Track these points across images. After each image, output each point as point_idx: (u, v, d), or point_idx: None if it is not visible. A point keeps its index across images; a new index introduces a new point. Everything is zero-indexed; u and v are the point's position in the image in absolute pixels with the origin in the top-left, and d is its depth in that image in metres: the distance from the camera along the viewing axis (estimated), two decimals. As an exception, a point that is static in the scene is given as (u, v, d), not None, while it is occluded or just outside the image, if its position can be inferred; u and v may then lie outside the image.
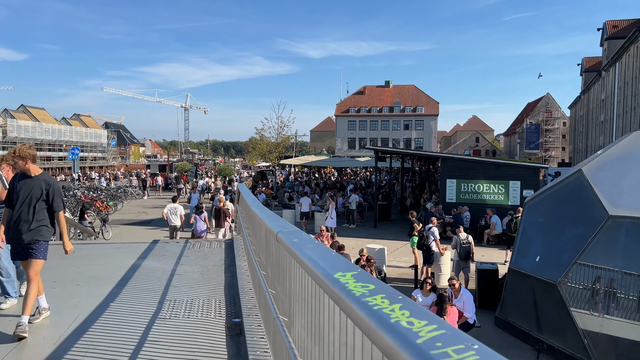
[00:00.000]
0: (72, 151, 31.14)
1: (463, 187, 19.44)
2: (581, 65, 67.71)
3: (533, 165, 19.04)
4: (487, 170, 19.16)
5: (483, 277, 9.91)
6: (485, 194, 19.12)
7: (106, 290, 6.10)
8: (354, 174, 46.84)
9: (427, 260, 11.99)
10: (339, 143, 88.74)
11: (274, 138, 26.84)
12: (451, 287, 7.59)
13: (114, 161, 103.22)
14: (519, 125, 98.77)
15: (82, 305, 5.49)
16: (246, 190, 8.89)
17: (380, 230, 20.41)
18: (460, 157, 20.05)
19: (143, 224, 21.45)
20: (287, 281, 2.85)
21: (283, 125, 26.64)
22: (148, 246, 9.33)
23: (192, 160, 49.52)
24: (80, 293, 6.06)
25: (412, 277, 12.74)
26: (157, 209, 26.46)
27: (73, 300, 5.72)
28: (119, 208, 25.44)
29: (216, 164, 48.54)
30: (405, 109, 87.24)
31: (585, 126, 62.69)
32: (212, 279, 6.83)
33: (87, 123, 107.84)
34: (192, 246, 9.53)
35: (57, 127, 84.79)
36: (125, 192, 30.04)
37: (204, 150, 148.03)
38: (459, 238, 11.16)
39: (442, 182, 19.79)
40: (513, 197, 18.81)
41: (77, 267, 7.47)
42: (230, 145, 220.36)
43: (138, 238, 17.97)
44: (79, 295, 5.96)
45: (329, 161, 31.44)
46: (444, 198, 19.66)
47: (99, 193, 26.46)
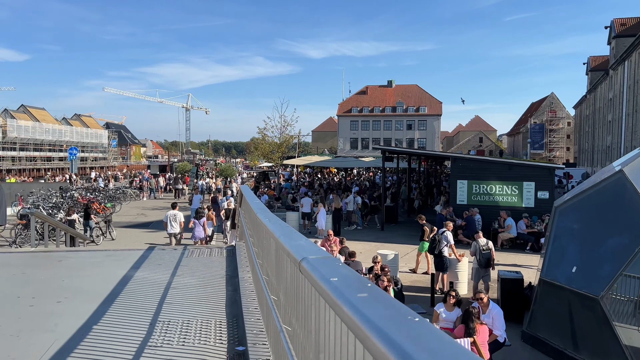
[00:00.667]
0: (70, 151, 30.36)
1: (474, 189, 18.64)
2: (587, 64, 66.82)
3: (548, 166, 18.23)
4: (499, 171, 18.35)
5: (507, 287, 9.10)
6: (497, 195, 18.31)
7: (91, 308, 5.31)
8: (357, 175, 46.05)
9: (439, 267, 11.19)
10: (341, 143, 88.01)
11: (277, 137, 26.04)
12: (478, 301, 6.80)
13: (115, 161, 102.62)
14: (523, 125, 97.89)
15: (60, 329, 4.70)
16: (249, 193, 8.11)
17: (388, 233, 19.61)
18: (471, 157, 19.26)
19: (142, 227, 20.69)
20: (312, 323, 2.08)
21: (286, 125, 25.86)
22: (143, 254, 8.56)
23: (193, 160, 48.67)
24: (60, 312, 5.28)
25: (426, 284, 11.95)
26: (157, 211, 25.72)
27: (51, 322, 4.94)
28: (117, 210, 24.68)
29: (217, 165, 47.78)
30: (408, 108, 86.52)
31: (592, 126, 61.81)
32: (211, 294, 6.05)
33: (88, 123, 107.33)
34: (191, 253, 8.75)
35: (58, 127, 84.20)
36: (124, 193, 29.27)
37: (205, 151, 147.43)
38: (479, 244, 10.36)
39: (453, 183, 18.99)
40: (527, 199, 18.00)
41: (61, 279, 6.70)
42: (231, 145, 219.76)
43: (136, 241, 17.21)
44: (59, 315, 5.18)
45: (333, 161, 30.57)
46: (454, 200, 18.85)
47: (96, 194, 25.69)
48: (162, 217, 23.70)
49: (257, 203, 6.19)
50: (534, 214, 17.57)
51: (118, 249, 9.50)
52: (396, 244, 17.34)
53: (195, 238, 13.98)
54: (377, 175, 48.16)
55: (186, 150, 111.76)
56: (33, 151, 75.50)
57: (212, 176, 40.52)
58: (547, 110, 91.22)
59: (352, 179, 38.52)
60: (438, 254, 11.12)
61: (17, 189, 25.13)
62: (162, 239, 17.75)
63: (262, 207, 5.96)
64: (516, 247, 16.74)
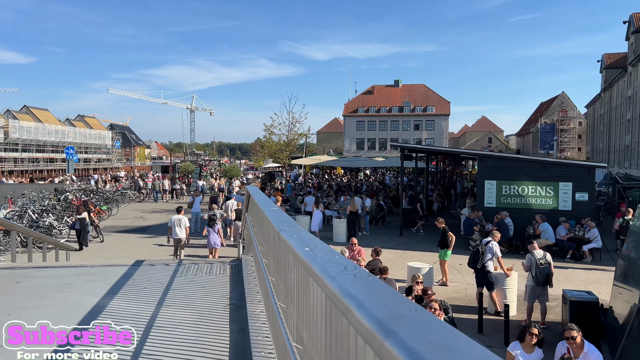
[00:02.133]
0: (66, 151, 28.76)
1: (504, 190, 16.86)
2: (601, 61, 64.78)
3: (587, 164, 16.45)
4: (532, 170, 16.57)
5: (578, 311, 7.35)
6: (530, 197, 16.52)
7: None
8: (365, 176, 44.28)
9: (482, 283, 9.45)
10: (347, 144, 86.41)
11: (285, 135, 24.31)
12: (569, 342, 5.07)
13: (119, 163, 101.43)
14: (533, 125, 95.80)
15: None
16: (260, 195, 6.41)
17: (407, 239, 17.85)
18: (501, 155, 17.49)
19: (139, 231, 19.03)
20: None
21: (295, 122, 24.12)
22: (126, 271, 6.86)
23: (196, 161, 47.01)
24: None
25: (464, 301, 10.21)
26: (156, 214, 24.07)
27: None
28: (113, 213, 23.03)
29: (221, 165, 46.17)
30: (415, 108, 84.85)
31: (607, 125, 59.78)
32: (209, 339, 4.33)
33: (92, 124, 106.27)
34: (186, 271, 7.04)
35: (61, 128, 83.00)
36: (122, 194, 27.62)
37: (210, 152, 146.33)
38: (534, 257, 8.60)
39: (480, 184, 17.22)
40: (564, 201, 16.20)
41: (12, 308, 5.00)
42: (236, 147, 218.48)
43: (129, 249, 15.54)
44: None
45: (345, 161, 28.76)
46: (481, 202, 17.08)
47: (91, 196, 24.05)
48: (162, 221, 22.22)
49: (274, 211, 4.48)
50: (571, 217, 15.76)
51: (97, 265, 7.78)
52: (418, 251, 15.61)
53: (211, 245, 13.19)
54: (387, 176, 46.42)
55: (190, 151, 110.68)
56: (35, 152, 74.27)
57: (216, 177, 38.92)
58: (557, 110, 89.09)
59: (360, 180, 36.81)
60: (481, 268, 9.37)
61: (6, 191, 23.55)
62: (159, 247, 16.09)
63: (281, 216, 4.25)
64: (555, 256, 14.91)
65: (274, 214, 4.26)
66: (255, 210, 6.56)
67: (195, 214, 18.65)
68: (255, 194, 6.85)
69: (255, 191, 7.12)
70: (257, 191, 7.13)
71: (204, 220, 17.96)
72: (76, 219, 16.44)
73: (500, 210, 16.43)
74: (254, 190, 7.17)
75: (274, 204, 5.30)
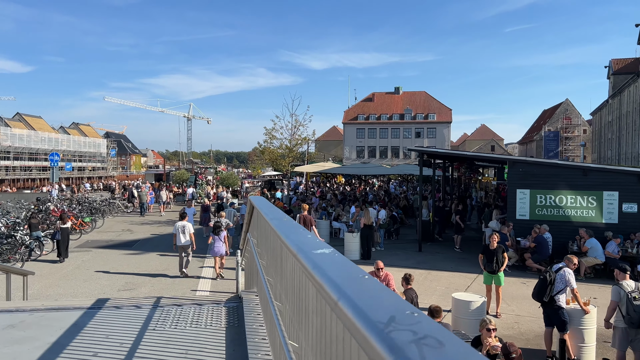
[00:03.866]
0: (51, 157, 26.67)
1: (539, 200, 14.83)
2: (609, 67, 63.22)
3: (636, 171, 14.47)
4: (571, 178, 14.55)
5: None
6: (569, 208, 14.50)
7: None
8: (367, 184, 42.18)
9: (552, 321, 7.35)
10: (347, 152, 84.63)
11: (287, 140, 22.20)
12: None
13: (114, 171, 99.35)
14: (537, 133, 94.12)
15: None
16: (272, 211, 4.35)
17: (428, 255, 15.75)
18: (535, 161, 15.45)
19: (123, 247, 16.88)
20: None
21: (298, 125, 22.04)
22: (78, 319, 4.78)
23: (192, 168, 44.74)
24: None
25: (523, 338, 8.10)
26: (146, 227, 21.92)
27: None
28: (98, 225, 20.85)
29: (218, 173, 43.99)
30: (416, 116, 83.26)
31: (617, 132, 57.99)
32: None
33: (86, 132, 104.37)
34: (164, 319, 4.95)
35: (54, 136, 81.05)
36: (110, 205, 25.43)
37: (206, 160, 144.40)
38: (624, 289, 6.56)
39: (511, 193, 15.18)
40: (609, 213, 14.18)
41: None
42: (233, 155, 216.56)
43: (107, 269, 13.37)
44: None
45: (353, 168, 26.67)
46: (512, 214, 15.04)
47: (72, 207, 21.85)
48: (151, 234, 20.09)
49: (302, 240, 2.41)
50: (618, 232, 13.72)
51: (40, 309, 5.62)
52: (446, 271, 13.51)
53: (216, 254, 12.60)
54: (392, 184, 44.34)
55: (187, 160, 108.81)
56: (28, 160, 72.17)
57: (212, 185, 36.81)
58: (561, 117, 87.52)
59: (363, 189, 34.74)
60: (550, 302, 7.29)
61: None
62: (145, 265, 13.96)
63: (306, 239, 2.21)
64: (602, 276, 12.86)
65: (296, 241, 2.23)
66: (265, 231, 4.51)
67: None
68: (262, 207, 4.79)
69: (263, 204, 5.05)
70: (264, 204, 5.06)
71: (199, 229, 15.86)
72: (58, 228, 14.69)
73: (535, 223, 14.41)
74: (261, 203, 5.10)
75: (300, 226, 3.25)
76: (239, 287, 11.02)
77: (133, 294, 10.85)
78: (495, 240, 9.75)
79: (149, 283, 11.84)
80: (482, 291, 11.46)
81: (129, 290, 11.18)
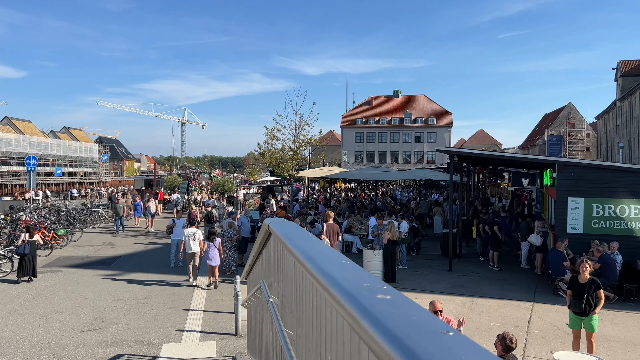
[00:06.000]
0: (27, 161, 24.06)
1: (596, 210, 12.44)
2: (617, 69, 61.34)
3: None
4: (636, 183, 12.20)
5: None
6: (634, 220, 12.12)
7: None
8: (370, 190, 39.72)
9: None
10: (345, 156, 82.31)
11: (291, 141, 19.71)
12: None
13: (106, 177, 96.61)
14: (539, 137, 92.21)
15: None
16: (325, 256, 1.87)
17: (461, 275, 13.27)
18: (591, 164, 13.07)
19: (100, 265, 14.30)
20: None
21: (303, 124, 19.57)
22: None
23: (184, 174, 42.07)
24: None
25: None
26: (130, 239, 19.34)
27: None
28: (75, 238, 18.23)
29: (212, 178, 41.40)
30: (416, 120, 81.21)
31: (627, 136, 55.99)
32: None
33: (78, 137, 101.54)
34: None
35: (44, 141, 78.28)
36: (91, 213, 22.77)
37: (201, 165, 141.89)
38: None
39: (560, 203, 12.77)
40: (683, 226, 11.81)
41: None
42: (228, 160, 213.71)
43: (78, 296, 10.80)
44: None
45: (363, 172, 24.20)
46: (563, 227, 12.63)
47: (46, 217, 19.20)
48: (135, 249, 17.34)
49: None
50: (695, 249, 11.37)
51: None
52: (491, 297, 11.04)
53: (210, 262, 11.78)
54: (398, 191, 41.89)
55: (181, 165, 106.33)
56: (16, 165, 69.36)
57: (207, 192, 34.24)
58: (564, 121, 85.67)
59: (366, 196, 32.30)
60: None
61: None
62: (122, 290, 11.42)
63: None
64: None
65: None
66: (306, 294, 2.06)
67: (176, 242, 13.99)
68: (301, 245, 2.32)
69: (297, 238, 2.57)
70: (301, 238, 2.58)
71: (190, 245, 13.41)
72: (24, 241, 12.23)
73: (592, 238, 12.03)
74: (295, 236, 2.62)
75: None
76: (239, 327, 8.49)
77: (100, 336, 8.31)
78: (587, 270, 7.31)
79: (124, 319, 9.29)
80: (546, 327, 9.04)
81: (95, 330, 8.63)
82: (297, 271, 2.66)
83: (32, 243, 12.33)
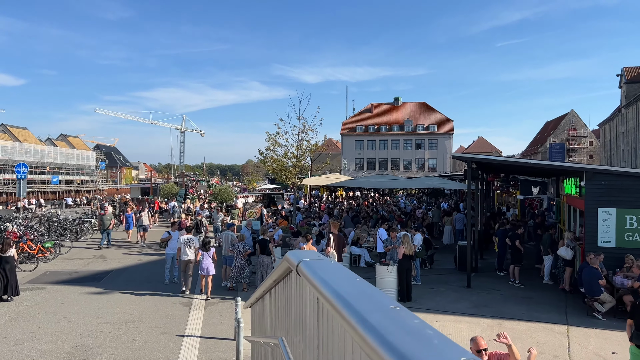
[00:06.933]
0: (17, 169, 23.00)
1: (629, 222, 11.41)
2: (621, 76, 60.59)
3: None
4: (674, 193, 11.18)
5: None
6: (672, 233, 11.08)
7: None
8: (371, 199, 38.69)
9: None
10: (346, 164, 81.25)
11: (294, 147, 18.66)
12: None
13: (104, 185, 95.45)
14: (541, 144, 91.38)
15: None
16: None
17: (482, 293, 12.18)
18: (623, 171, 12.04)
19: (89, 282, 13.19)
20: None
21: (307, 129, 18.54)
22: None
23: (182, 182, 40.81)
24: None
25: None
26: (123, 250, 18.22)
27: None
28: (64, 250, 17.11)
29: (211, 186, 40.28)
30: (417, 127, 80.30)
31: (632, 143, 55.11)
32: None
33: (75, 144, 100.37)
34: None
35: (40, 148, 77.14)
36: (82, 224, 21.63)
37: (199, 173, 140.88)
38: None
39: (590, 213, 11.73)
40: None
41: None
42: (226, 168, 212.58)
43: (61, 318, 9.68)
44: None
45: (370, 180, 23.12)
46: (593, 240, 11.59)
47: (33, 228, 18.08)
48: (127, 263, 16.40)
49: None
50: None
51: None
52: (520, 320, 9.94)
53: (205, 272, 11.53)
54: (402, 200, 40.83)
55: (179, 173, 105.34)
56: (12, 174, 68.17)
57: (206, 199, 33.18)
58: (567, 129, 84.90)
59: (368, 204, 31.24)
60: None
61: None
62: (111, 311, 10.29)
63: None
64: None
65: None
66: None
67: (172, 257, 12.89)
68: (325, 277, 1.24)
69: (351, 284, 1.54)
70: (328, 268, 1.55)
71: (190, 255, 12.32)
72: None
73: (626, 252, 11.01)
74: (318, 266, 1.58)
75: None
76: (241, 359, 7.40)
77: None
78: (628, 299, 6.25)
79: (109, 347, 8.17)
80: (590, 357, 7.94)
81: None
82: (347, 341, 1.62)
83: (6, 259, 11.23)
